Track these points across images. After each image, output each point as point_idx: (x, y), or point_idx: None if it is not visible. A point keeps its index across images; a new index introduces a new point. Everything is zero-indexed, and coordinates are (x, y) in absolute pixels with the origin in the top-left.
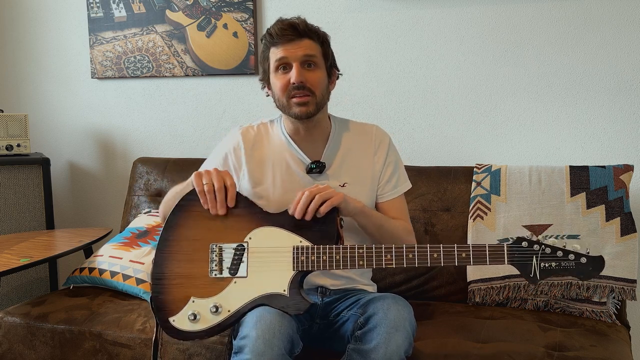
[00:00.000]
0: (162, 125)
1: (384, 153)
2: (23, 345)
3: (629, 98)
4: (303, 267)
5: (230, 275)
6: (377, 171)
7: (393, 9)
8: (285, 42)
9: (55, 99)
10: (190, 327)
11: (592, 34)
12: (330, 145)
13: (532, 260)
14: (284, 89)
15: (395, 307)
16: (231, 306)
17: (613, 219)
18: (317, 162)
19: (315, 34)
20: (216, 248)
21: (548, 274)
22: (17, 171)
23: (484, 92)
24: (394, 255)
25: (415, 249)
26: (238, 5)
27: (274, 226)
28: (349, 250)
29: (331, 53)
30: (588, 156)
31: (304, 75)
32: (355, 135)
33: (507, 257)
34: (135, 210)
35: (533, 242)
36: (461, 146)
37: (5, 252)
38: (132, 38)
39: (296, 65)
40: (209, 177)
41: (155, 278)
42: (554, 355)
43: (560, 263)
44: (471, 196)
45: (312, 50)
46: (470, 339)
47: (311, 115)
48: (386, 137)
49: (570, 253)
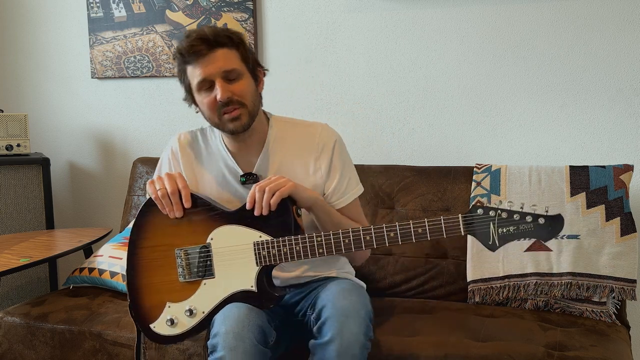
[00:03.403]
0: (162, 125)
1: (327, 158)
2: (23, 345)
3: (629, 98)
4: (266, 262)
5: (199, 277)
6: (320, 178)
7: (393, 9)
8: (199, 59)
9: (55, 99)
10: (170, 331)
11: (592, 34)
12: (267, 154)
13: (490, 227)
14: (212, 108)
15: (342, 294)
16: (204, 307)
17: (613, 218)
18: (248, 174)
19: (227, 39)
20: (181, 252)
21: (507, 239)
22: (17, 171)
23: (484, 92)
24: (351, 240)
25: (372, 230)
26: (238, 5)
27: (233, 224)
28: (308, 240)
29: (250, 53)
30: (588, 156)
31: (229, 90)
32: (296, 137)
33: (462, 226)
34: (135, 210)
35: (489, 208)
36: (461, 146)
37: (5, 252)
38: (132, 38)
39: (218, 81)
40: (162, 182)
41: (130, 289)
42: (554, 355)
43: (518, 226)
44: (471, 196)
45: (229, 62)
46: (470, 338)
47: (247, 127)
48: (331, 139)
49: (527, 215)
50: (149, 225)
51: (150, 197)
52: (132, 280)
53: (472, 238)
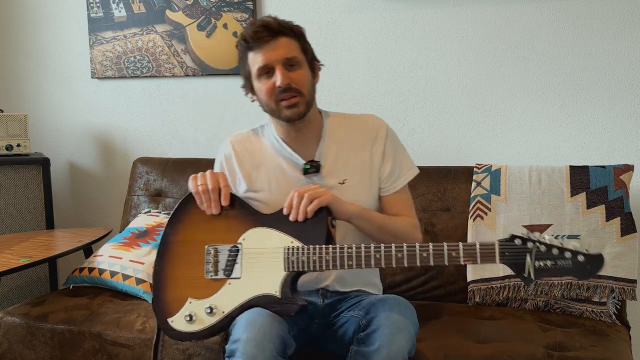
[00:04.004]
0: (162, 125)
1: (382, 144)
2: (23, 346)
3: (629, 98)
4: (294, 268)
5: (225, 276)
6: (376, 163)
7: (393, 9)
8: (262, 45)
9: (55, 99)
10: (187, 327)
11: (592, 34)
12: (325, 143)
13: (526, 258)
14: (270, 94)
15: (398, 308)
16: (225, 307)
17: (613, 219)
18: (311, 161)
19: (290, 30)
20: (211, 249)
21: (543, 274)
22: (17, 171)
23: (484, 92)
24: (382, 255)
25: (404, 249)
26: (238, 5)
27: (266, 227)
28: (339, 251)
29: (309, 46)
30: (588, 156)
31: (288, 77)
32: (349, 128)
33: (498, 255)
34: (135, 210)
35: (526, 239)
36: (461, 146)
37: (5, 252)
38: (132, 38)
39: (279, 68)
40: (204, 179)
41: (155, 279)
42: (554, 355)
43: (556, 262)
44: (471, 196)
45: (291, 50)
46: (470, 339)
47: (302, 116)
48: (382, 126)
49: (566, 251)
50: (184, 219)
51: (190, 192)
52: (158, 271)
53: (472, 235)
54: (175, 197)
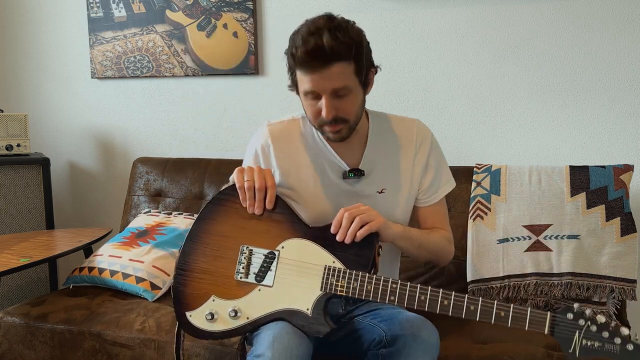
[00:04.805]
0: (162, 125)
1: (426, 153)
2: (23, 346)
3: (629, 98)
4: (331, 290)
5: (256, 281)
6: (417, 174)
7: (393, 9)
8: (311, 71)
9: (55, 99)
10: (206, 326)
11: (592, 34)
12: (370, 149)
13: (575, 335)
14: (314, 117)
15: (425, 332)
16: (251, 314)
17: (613, 218)
18: (355, 169)
19: (346, 49)
20: (246, 250)
21: (589, 353)
22: (17, 171)
23: (484, 92)
24: (428, 299)
25: (452, 298)
26: (238, 5)
27: (309, 240)
28: (382, 283)
29: (365, 58)
30: (588, 156)
31: (335, 108)
32: (395, 134)
33: (548, 326)
34: (135, 210)
35: (579, 315)
36: (461, 146)
37: (5, 252)
38: (132, 38)
39: (326, 99)
40: (251, 174)
41: (179, 268)
42: (554, 355)
43: (604, 344)
44: (471, 196)
45: (343, 79)
46: (470, 340)
47: (346, 138)
48: (428, 135)
49: (617, 336)
50: (223, 212)
51: (234, 184)
52: (184, 260)
53: (472, 236)
54: (175, 197)
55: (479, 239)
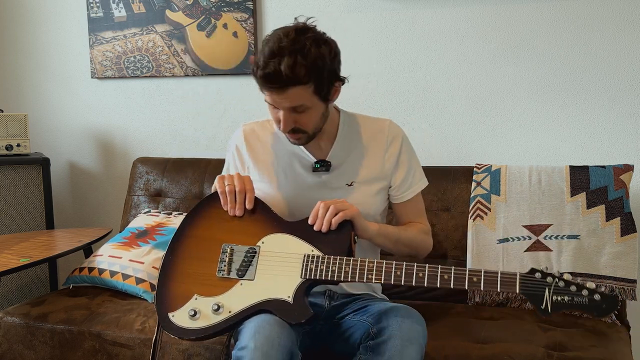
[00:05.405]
0: (162, 125)
1: (397, 150)
2: (22, 346)
3: (629, 98)
4: (311, 276)
5: (238, 276)
6: (388, 169)
7: (393, 9)
8: (269, 91)
9: (55, 99)
10: (189, 324)
11: (592, 34)
12: (338, 143)
13: (545, 292)
14: (276, 123)
15: (410, 320)
16: (233, 307)
17: (613, 219)
18: (322, 161)
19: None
20: (228, 249)
21: (560, 308)
22: (17, 171)
23: (484, 92)
24: (403, 272)
25: (426, 269)
26: (238, 5)
27: (288, 233)
28: (359, 263)
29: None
30: (588, 156)
31: (292, 121)
32: (365, 131)
33: (518, 285)
34: (135, 210)
35: (547, 274)
36: (461, 146)
37: (5, 252)
38: (132, 38)
39: (283, 113)
40: (232, 180)
41: (162, 271)
42: (554, 355)
43: (573, 298)
44: (471, 196)
45: (300, 98)
46: (470, 340)
47: (307, 143)
48: (399, 133)
49: (584, 289)
50: (205, 216)
51: (216, 191)
52: (167, 264)
53: (472, 236)
54: (175, 197)
55: (479, 239)
